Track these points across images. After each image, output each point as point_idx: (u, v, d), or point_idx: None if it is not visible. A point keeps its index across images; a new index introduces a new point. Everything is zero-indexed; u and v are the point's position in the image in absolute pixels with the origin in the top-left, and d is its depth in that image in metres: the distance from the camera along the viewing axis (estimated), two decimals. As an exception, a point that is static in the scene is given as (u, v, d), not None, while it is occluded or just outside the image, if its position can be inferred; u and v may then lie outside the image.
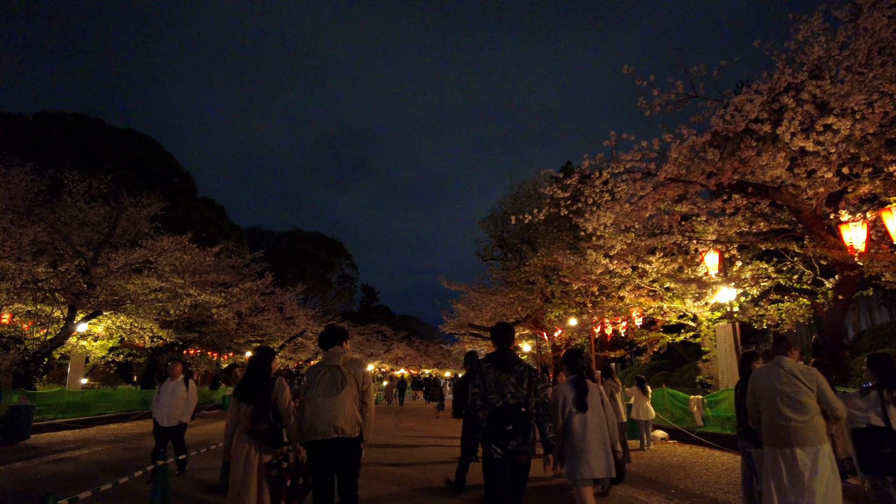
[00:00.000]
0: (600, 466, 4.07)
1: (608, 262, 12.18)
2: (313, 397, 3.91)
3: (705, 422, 11.60)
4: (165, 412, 7.31)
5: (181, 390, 7.49)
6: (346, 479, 3.94)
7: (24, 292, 14.27)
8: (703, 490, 6.85)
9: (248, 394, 4.32)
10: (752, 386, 4.20)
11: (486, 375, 3.91)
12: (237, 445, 4.22)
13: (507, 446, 3.75)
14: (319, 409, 3.86)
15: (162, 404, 7.37)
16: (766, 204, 9.38)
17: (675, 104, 8.61)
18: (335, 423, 3.83)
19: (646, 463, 9.07)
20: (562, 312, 18.78)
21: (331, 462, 3.91)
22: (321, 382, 3.97)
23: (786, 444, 3.83)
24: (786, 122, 7.36)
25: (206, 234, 26.18)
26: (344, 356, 4.15)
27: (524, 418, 3.78)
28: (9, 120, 30.88)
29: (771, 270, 10.52)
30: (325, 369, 4.05)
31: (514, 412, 3.76)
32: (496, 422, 3.76)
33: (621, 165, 8.91)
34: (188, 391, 7.57)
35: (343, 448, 3.89)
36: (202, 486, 6.99)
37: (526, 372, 3.96)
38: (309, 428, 3.86)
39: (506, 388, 3.85)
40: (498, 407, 3.79)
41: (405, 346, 55.29)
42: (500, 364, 3.95)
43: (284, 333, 28.94)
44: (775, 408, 3.94)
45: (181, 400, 7.44)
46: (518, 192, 23.44)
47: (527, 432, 3.81)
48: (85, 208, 15.63)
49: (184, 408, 7.47)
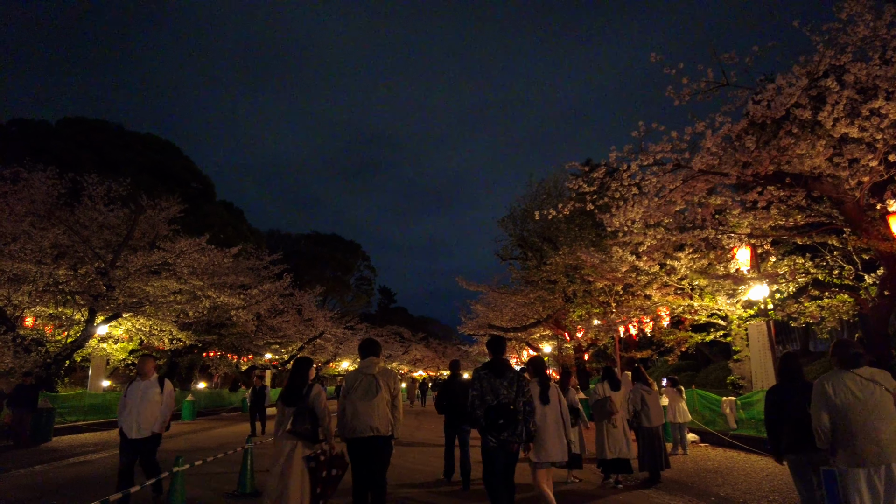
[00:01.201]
0: (556, 452, 5.08)
1: (635, 260, 11.77)
2: (353, 401, 4.69)
3: (739, 424, 11.14)
4: (134, 420, 5.83)
5: (154, 392, 6.01)
6: (378, 469, 4.70)
7: (46, 295, 14.34)
8: (745, 497, 6.47)
9: (290, 399, 4.87)
10: (825, 398, 3.75)
11: (484, 381, 4.69)
12: (282, 441, 4.78)
13: (500, 437, 4.52)
14: (358, 412, 4.63)
15: (129, 410, 5.89)
16: (803, 195, 8.92)
17: (705, 93, 8.21)
18: (371, 424, 4.59)
19: (679, 467, 8.68)
20: (584, 312, 18.36)
21: (367, 455, 4.66)
22: (359, 388, 4.73)
23: (881, 461, 3.46)
24: (828, 106, 6.94)
25: (224, 236, 26.22)
26: (378, 366, 4.92)
27: (513, 414, 4.54)
28: (33, 126, 31.40)
29: (809, 265, 10.02)
30: (362, 376, 4.80)
31: (505, 409, 4.53)
32: (491, 417, 4.53)
33: (650, 157, 8.52)
34: (163, 394, 6.07)
35: (378, 444, 4.65)
36: (219, 493, 6.79)
37: (515, 377, 4.73)
38: (350, 427, 4.65)
39: (499, 390, 4.62)
40: (493, 405, 4.56)
41: (423, 348, 55.14)
42: (496, 371, 4.72)
43: (303, 335, 28.91)
44: (863, 421, 3.55)
45: (154, 405, 5.96)
46: (538, 191, 23.06)
47: (515, 426, 4.55)
48: (104, 211, 15.67)
49: (158, 415, 5.98)
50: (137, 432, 5.79)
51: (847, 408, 3.64)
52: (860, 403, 3.59)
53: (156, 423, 5.95)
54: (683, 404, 10.44)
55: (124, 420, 5.88)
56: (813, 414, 3.86)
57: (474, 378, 4.79)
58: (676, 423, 10.35)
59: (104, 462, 9.37)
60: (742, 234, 9.39)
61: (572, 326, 20.47)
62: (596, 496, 6.78)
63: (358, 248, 59.11)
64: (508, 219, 24.74)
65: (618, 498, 6.65)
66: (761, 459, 9.16)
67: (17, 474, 8.27)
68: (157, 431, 5.97)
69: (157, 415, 5.96)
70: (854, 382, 3.68)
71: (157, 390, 6.04)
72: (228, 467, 8.20)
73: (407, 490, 6.96)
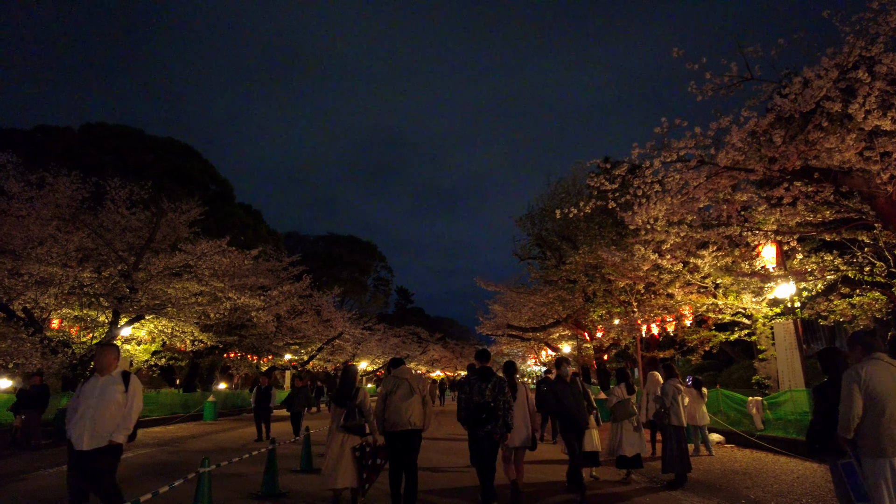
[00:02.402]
0: (521, 439, 6.36)
1: (657, 258, 11.59)
2: (394, 401, 5.75)
3: (766, 425, 10.91)
4: (87, 425, 4.47)
5: (115, 391, 4.68)
6: (411, 456, 5.75)
7: (71, 297, 14.59)
8: (777, 501, 6.31)
9: (341, 400, 6.04)
10: (859, 384, 3.63)
11: (473, 385, 5.81)
12: (335, 435, 5.95)
13: (484, 429, 5.63)
14: (399, 409, 5.69)
15: (82, 413, 4.53)
16: (832, 191, 8.70)
17: (729, 88, 8.04)
18: (409, 419, 5.69)
19: (706, 469, 8.51)
20: (605, 312, 18.16)
21: (404, 444, 5.71)
22: (398, 390, 5.82)
23: None
24: (859, 98, 6.74)
25: (244, 238, 26.48)
26: (410, 373, 6.08)
27: (493, 411, 5.63)
28: (57, 133, 32.01)
29: (838, 262, 9.77)
30: (399, 381, 5.91)
31: (487, 407, 5.64)
32: (477, 413, 5.66)
33: (673, 153, 8.38)
34: (128, 392, 4.74)
35: (413, 435, 5.75)
36: (244, 494, 6.80)
37: (497, 381, 5.81)
38: (390, 422, 5.70)
39: (484, 391, 5.70)
40: (479, 403, 5.66)
41: (440, 348, 55.09)
42: (482, 376, 5.82)
43: (322, 336, 29.05)
44: (893, 411, 3.44)
45: (115, 406, 4.63)
46: (556, 189, 22.84)
47: (496, 420, 5.62)
48: (126, 214, 15.89)
49: (119, 419, 4.62)
50: (91, 441, 4.45)
51: (884, 394, 3.51)
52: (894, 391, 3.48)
53: (117, 429, 4.58)
54: (704, 407, 10.21)
55: (74, 426, 4.50)
56: (843, 401, 3.71)
57: (464, 382, 5.96)
58: (696, 426, 10.11)
59: (129, 461, 9.47)
60: (768, 231, 9.20)
61: (592, 326, 20.28)
62: (623, 498, 6.68)
63: (375, 249, 59.28)
64: (526, 218, 24.56)
65: (646, 500, 6.54)
66: (791, 461, 8.94)
67: (44, 474, 8.41)
68: (118, 441, 4.58)
69: (118, 419, 4.61)
70: (886, 370, 3.56)
71: (119, 388, 4.70)
72: (252, 468, 8.24)
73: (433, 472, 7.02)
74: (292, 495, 6.70)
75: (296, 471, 8.29)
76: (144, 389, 24.14)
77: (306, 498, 6.61)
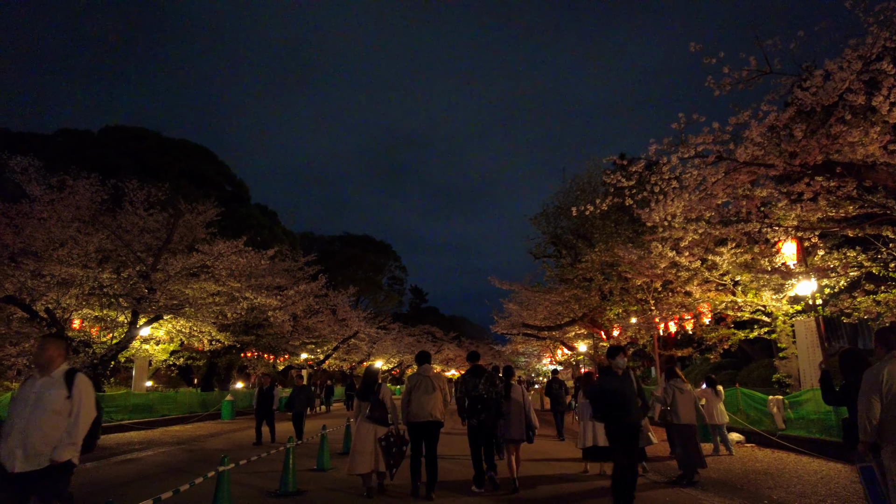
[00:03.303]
0: (517, 433, 7.07)
1: (675, 255, 11.45)
2: (418, 396, 6.47)
3: (787, 424, 10.72)
4: (18, 440, 3.52)
5: (54, 396, 3.69)
6: (431, 445, 6.46)
7: (92, 298, 14.81)
8: (801, 501, 6.18)
9: (365, 395, 6.68)
10: (878, 384, 3.55)
11: (468, 381, 6.79)
12: (362, 425, 6.50)
13: (479, 418, 6.61)
14: (421, 403, 6.42)
15: (10, 425, 3.59)
16: (854, 185, 8.51)
17: (747, 82, 7.92)
18: (430, 412, 6.42)
19: (726, 468, 8.39)
20: (622, 310, 18.00)
21: (425, 434, 6.45)
22: (421, 386, 6.54)
23: None
24: (884, 90, 6.59)
25: (260, 238, 26.69)
26: (432, 371, 6.76)
27: (486, 402, 6.61)
28: (76, 136, 32.58)
29: (862, 258, 9.56)
30: (422, 378, 6.61)
31: (481, 399, 6.63)
32: (472, 405, 6.66)
33: (691, 149, 8.27)
34: (72, 397, 3.71)
35: (433, 426, 6.48)
36: (262, 492, 6.84)
37: (489, 377, 6.78)
38: (414, 414, 6.43)
39: (478, 386, 6.69)
40: (475, 396, 6.66)
41: (455, 347, 55.04)
42: (475, 374, 6.82)
43: (338, 335, 29.20)
44: None
45: (54, 416, 3.64)
46: (571, 187, 22.65)
47: (489, 411, 6.61)
48: (144, 215, 16.11)
49: (63, 431, 3.64)
50: (24, 461, 3.49)
51: None
52: None
53: (59, 444, 3.58)
54: (721, 405, 10.07)
55: (3, 442, 3.53)
56: (861, 402, 3.62)
57: (460, 379, 6.97)
58: (714, 425, 9.98)
59: (148, 460, 9.59)
60: (788, 227, 9.03)
61: (609, 325, 20.11)
62: (639, 489, 6.60)
63: (389, 249, 59.51)
64: (541, 216, 24.40)
65: (664, 498, 6.46)
66: (814, 461, 8.78)
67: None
68: (60, 460, 3.56)
69: (60, 432, 3.62)
70: None
71: (59, 393, 3.70)
72: (268, 466, 8.29)
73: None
74: (310, 493, 6.73)
75: (312, 469, 8.32)
76: (162, 388, 24.28)
77: (325, 495, 6.64)
